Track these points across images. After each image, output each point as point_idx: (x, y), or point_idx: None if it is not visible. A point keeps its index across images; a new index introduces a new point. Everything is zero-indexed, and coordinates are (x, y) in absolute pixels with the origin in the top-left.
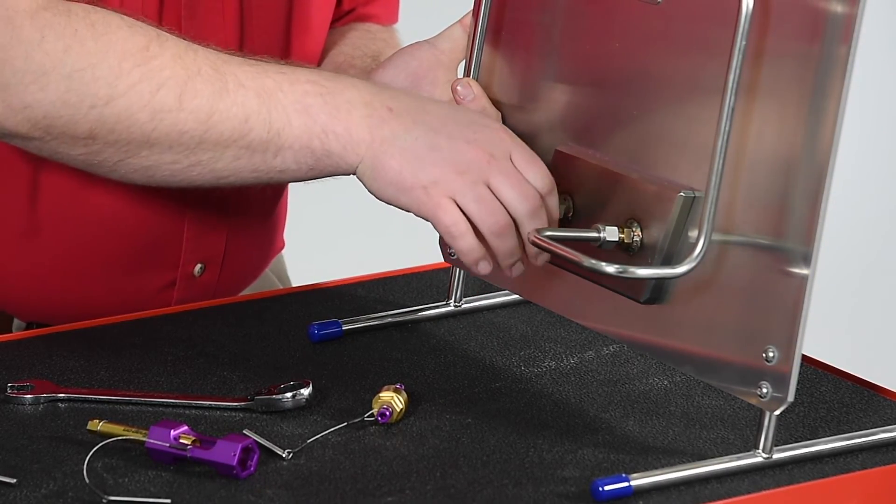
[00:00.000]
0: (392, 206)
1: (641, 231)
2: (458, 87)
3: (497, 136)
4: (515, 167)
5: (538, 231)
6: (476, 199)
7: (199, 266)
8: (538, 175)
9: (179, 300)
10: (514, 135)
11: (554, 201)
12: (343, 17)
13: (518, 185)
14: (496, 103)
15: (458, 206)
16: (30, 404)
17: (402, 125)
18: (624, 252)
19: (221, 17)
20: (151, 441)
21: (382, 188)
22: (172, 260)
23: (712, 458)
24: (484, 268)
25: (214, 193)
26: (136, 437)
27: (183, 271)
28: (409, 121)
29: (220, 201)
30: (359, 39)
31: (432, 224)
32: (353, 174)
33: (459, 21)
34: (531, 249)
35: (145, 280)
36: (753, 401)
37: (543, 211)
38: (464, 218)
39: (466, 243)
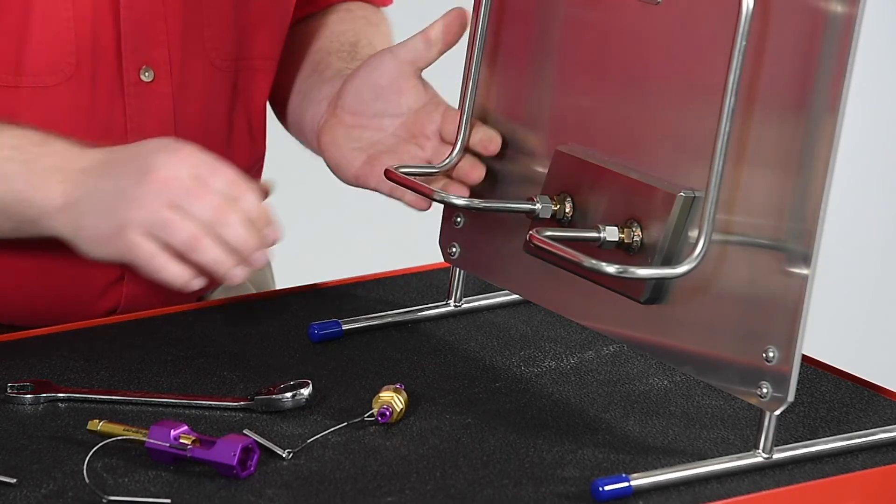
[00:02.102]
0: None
1: (641, 231)
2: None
3: (181, 158)
4: (198, 182)
5: (538, 231)
6: (160, 225)
7: None
8: (221, 181)
9: (129, 295)
10: (199, 151)
11: (248, 199)
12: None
13: (199, 197)
14: (497, 103)
15: (153, 239)
16: (30, 404)
17: (94, 182)
18: (624, 252)
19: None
20: (151, 441)
21: (91, 249)
22: None
23: (712, 458)
24: (237, 276)
25: None
26: (136, 437)
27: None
28: (99, 175)
29: None
30: (337, 25)
31: (140, 266)
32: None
33: (422, 32)
34: (246, 250)
35: (90, 275)
36: (753, 401)
37: (234, 214)
38: (159, 249)
39: (171, 272)
